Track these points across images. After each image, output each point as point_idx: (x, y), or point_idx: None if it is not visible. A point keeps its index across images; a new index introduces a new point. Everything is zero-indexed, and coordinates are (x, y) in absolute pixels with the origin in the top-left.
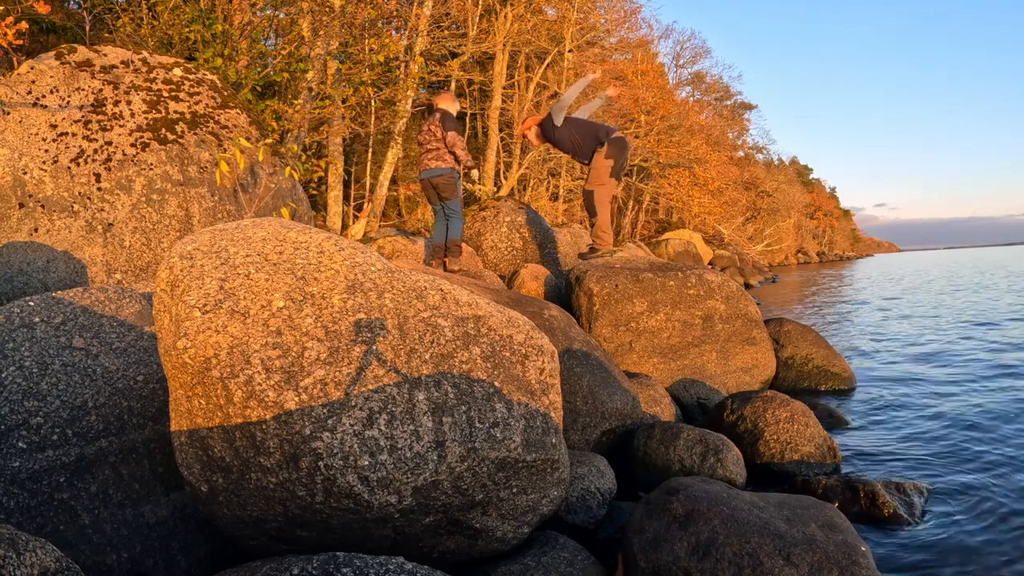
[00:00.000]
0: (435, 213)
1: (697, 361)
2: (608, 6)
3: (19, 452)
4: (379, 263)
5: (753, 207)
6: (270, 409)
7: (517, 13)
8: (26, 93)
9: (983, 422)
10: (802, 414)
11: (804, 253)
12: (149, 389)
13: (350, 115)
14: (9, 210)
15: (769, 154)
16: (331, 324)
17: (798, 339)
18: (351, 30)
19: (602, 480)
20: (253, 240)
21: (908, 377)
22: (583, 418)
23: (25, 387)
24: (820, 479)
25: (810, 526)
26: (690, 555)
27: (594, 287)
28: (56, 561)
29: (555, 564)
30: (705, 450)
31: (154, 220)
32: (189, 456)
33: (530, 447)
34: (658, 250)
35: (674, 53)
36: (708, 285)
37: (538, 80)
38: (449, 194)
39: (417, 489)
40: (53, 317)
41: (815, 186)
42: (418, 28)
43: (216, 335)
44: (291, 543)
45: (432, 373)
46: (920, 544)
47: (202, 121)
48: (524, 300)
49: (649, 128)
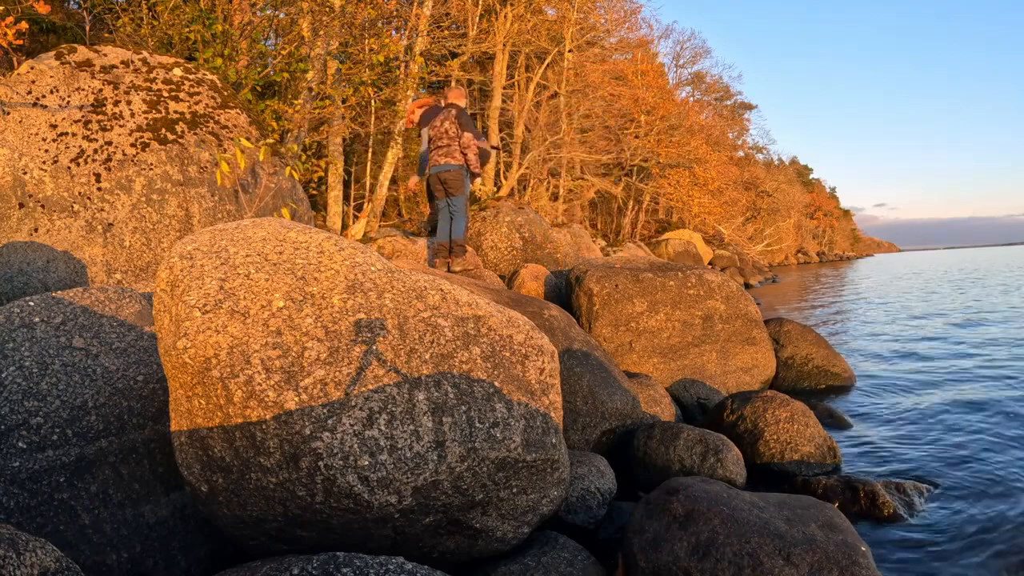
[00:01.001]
0: (439, 211)
1: (697, 361)
2: (608, 6)
3: (19, 452)
4: (379, 263)
5: (753, 207)
6: (270, 409)
7: (517, 13)
8: (26, 93)
9: (984, 422)
10: (802, 414)
11: (804, 253)
12: (149, 389)
13: (350, 115)
14: (9, 210)
15: (769, 154)
16: (331, 324)
17: (798, 339)
18: (351, 30)
19: (602, 480)
20: (253, 240)
21: (908, 377)
22: (583, 418)
23: (25, 387)
24: (820, 479)
25: (810, 526)
26: (690, 555)
27: (594, 287)
28: (56, 561)
29: (555, 564)
30: (705, 450)
31: (154, 220)
32: (189, 456)
33: (530, 447)
34: (658, 250)
35: (674, 53)
36: (708, 285)
37: (538, 80)
38: (457, 191)
39: (417, 489)
40: (53, 317)
41: (815, 186)
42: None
43: (216, 335)
44: (291, 543)
45: (432, 373)
46: (920, 544)
47: (202, 121)
48: (524, 300)
49: (649, 128)
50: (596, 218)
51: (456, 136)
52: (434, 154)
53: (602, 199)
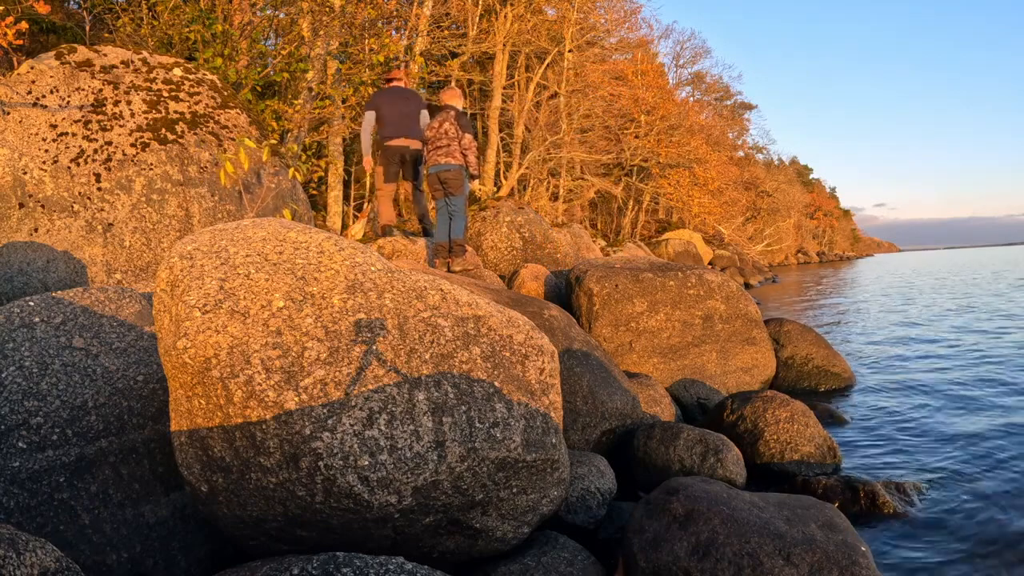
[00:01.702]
0: (438, 210)
1: (697, 361)
2: (608, 6)
3: (19, 452)
4: (379, 263)
5: (753, 207)
6: (270, 409)
7: (517, 13)
8: (26, 93)
9: (984, 422)
10: (802, 414)
11: (804, 253)
12: (149, 389)
13: (350, 115)
14: (9, 210)
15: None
16: (331, 324)
17: (798, 339)
18: (351, 30)
19: (602, 480)
20: (253, 240)
21: (908, 377)
22: (583, 418)
23: (25, 387)
24: (820, 479)
25: (810, 526)
26: (690, 555)
27: (594, 287)
28: (56, 561)
29: (555, 564)
30: (705, 450)
31: (154, 220)
32: (189, 456)
33: (530, 447)
34: (658, 250)
35: (674, 53)
36: (708, 285)
37: (538, 80)
38: (457, 190)
39: (417, 489)
40: (53, 317)
41: (815, 186)
42: (418, 28)
43: (216, 335)
44: (291, 543)
45: (432, 373)
46: (920, 544)
47: (202, 121)
48: (524, 300)
49: (649, 128)
50: (596, 218)
51: (456, 137)
52: (433, 153)
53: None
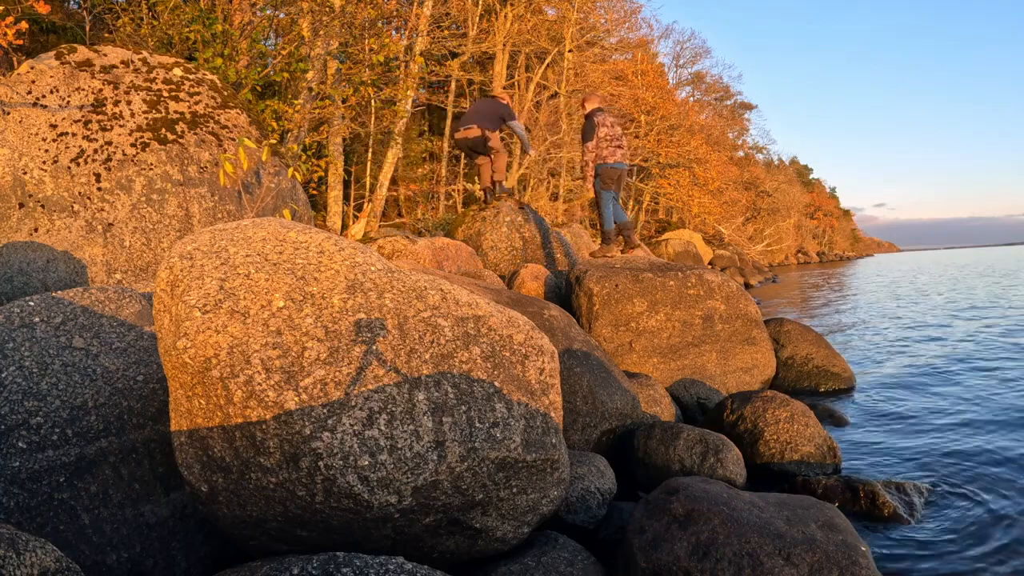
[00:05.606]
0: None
1: (697, 361)
2: (608, 6)
3: (19, 452)
4: (379, 263)
5: (753, 207)
6: (270, 409)
7: (517, 13)
8: (26, 93)
9: (983, 421)
10: (802, 414)
11: (804, 253)
12: (149, 389)
13: (350, 115)
14: (9, 210)
15: (769, 154)
16: (331, 324)
17: (798, 339)
18: (351, 30)
19: (602, 480)
20: (253, 240)
21: (908, 377)
22: (583, 418)
23: (25, 387)
24: (820, 479)
25: (810, 526)
26: (690, 555)
27: (594, 287)
28: (56, 561)
29: (555, 564)
30: (705, 450)
31: (154, 220)
32: (189, 456)
33: (530, 447)
34: (658, 250)
35: (674, 53)
36: (708, 285)
37: (538, 80)
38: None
39: (417, 489)
40: (53, 317)
41: (815, 186)
42: (418, 28)
43: (216, 335)
44: (291, 543)
45: (432, 373)
46: (920, 544)
47: (202, 121)
48: (524, 300)
49: (649, 128)
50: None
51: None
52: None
53: None
